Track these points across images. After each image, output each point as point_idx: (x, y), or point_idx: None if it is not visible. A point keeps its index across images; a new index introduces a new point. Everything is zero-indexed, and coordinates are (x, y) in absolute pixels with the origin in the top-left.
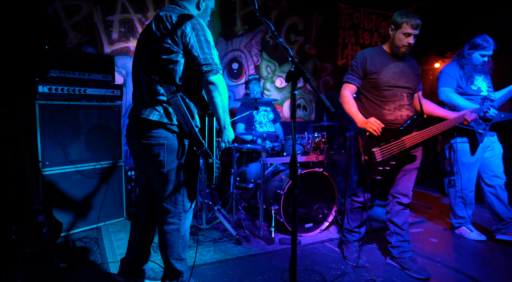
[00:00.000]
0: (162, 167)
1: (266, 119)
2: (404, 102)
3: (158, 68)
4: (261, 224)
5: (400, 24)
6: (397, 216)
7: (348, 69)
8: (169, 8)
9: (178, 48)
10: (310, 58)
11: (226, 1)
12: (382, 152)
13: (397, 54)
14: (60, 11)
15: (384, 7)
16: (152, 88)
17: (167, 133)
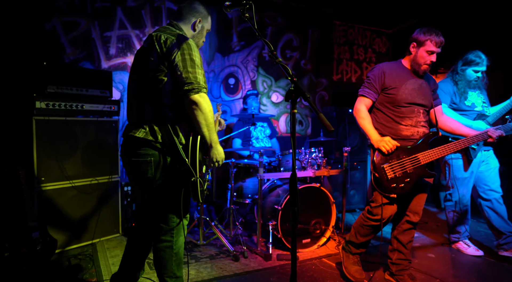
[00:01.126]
0: (151, 183)
1: (263, 135)
2: (421, 119)
3: (146, 87)
4: (258, 239)
5: (424, 41)
6: (403, 234)
7: (364, 82)
8: (162, 28)
9: (164, 67)
10: (306, 73)
11: (223, 17)
12: (393, 168)
13: (417, 71)
14: (58, 27)
15: (377, 24)
16: (140, 107)
17: (153, 151)
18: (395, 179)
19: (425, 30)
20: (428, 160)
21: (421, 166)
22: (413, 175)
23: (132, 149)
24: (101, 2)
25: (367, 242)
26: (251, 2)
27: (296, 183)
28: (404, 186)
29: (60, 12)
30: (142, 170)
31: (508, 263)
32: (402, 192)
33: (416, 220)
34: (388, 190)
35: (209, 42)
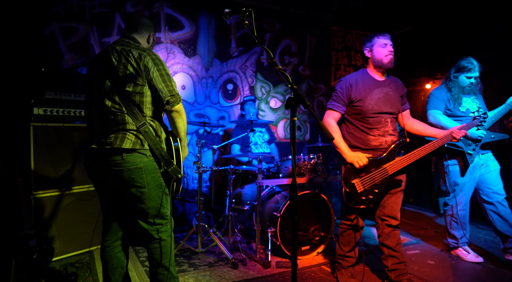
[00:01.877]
0: (143, 188)
1: (261, 141)
2: (389, 128)
3: (124, 99)
4: (257, 247)
5: (373, 42)
6: (388, 238)
7: (332, 95)
8: (124, 43)
9: (142, 82)
10: (304, 79)
11: (221, 23)
12: (363, 182)
13: (383, 67)
14: (57, 33)
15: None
16: (119, 118)
17: (141, 157)
18: (365, 192)
19: (368, 36)
20: (395, 170)
21: (389, 176)
22: (381, 186)
23: (114, 158)
24: (99, 8)
25: (353, 252)
26: (251, 10)
27: (296, 192)
28: (373, 197)
29: (59, 18)
30: (130, 177)
31: (508, 270)
32: (371, 203)
33: (396, 223)
34: (358, 202)
35: (207, 48)
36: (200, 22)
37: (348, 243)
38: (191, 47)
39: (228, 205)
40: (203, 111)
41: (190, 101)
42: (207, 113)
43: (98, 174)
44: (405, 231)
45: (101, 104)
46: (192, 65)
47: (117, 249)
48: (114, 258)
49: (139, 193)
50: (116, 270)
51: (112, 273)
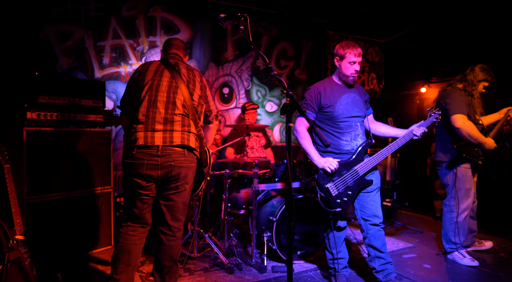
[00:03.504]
0: (188, 184)
1: (257, 145)
2: (358, 131)
3: (191, 107)
4: (253, 251)
5: (344, 54)
6: (374, 239)
7: (302, 102)
8: (181, 59)
9: (203, 97)
10: (300, 83)
11: (217, 27)
12: (337, 186)
13: (347, 82)
14: (51, 36)
15: (370, 34)
16: (185, 122)
17: (195, 157)
18: (339, 195)
19: (343, 44)
20: (365, 170)
21: (360, 177)
22: (354, 187)
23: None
24: (94, 12)
25: (342, 253)
26: (246, 15)
27: (291, 198)
28: (347, 199)
29: (54, 21)
30: (186, 173)
31: (503, 274)
32: (346, 205)
33: (378, 222)
34: (334, 205)
35: (203, 52)
36: (196, 26)
37: (335, 245)
38: (187, 50)
39: (223, 209)
40: None
41: None
42: None
43: (149, 169)
44: (401, 235)
45: (170, 107)
46: None
47: (141, 241)
48: (137, 249)
49: (184, 188)
50: (134, 261)
51: (129, 263)
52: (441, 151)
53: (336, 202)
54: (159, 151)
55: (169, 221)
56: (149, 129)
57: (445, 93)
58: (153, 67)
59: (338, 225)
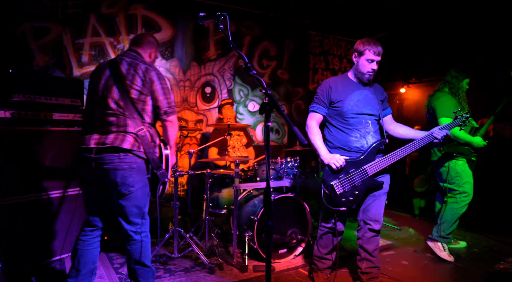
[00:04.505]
0: (132, 187)
1: (239, 144)
2: (370, 129)
3: (127, 105)
4: (234, 251)
5: (363, 51)
6: (368, 242)
7: (314, 97)
8: (131, 56)
9: (147, 93)
10: (282, 83)
11: (199, 26)
12: (343, 184)
13: (362, 80)
14: (28, 33)
15: (352, 35)
16: (121, 121)
17: (136, 158)
18: (344, 194)
19: (364, 41)
20: (375, 170)
21: (369, 177)
22: (361, 187)
23: (111, 157)
24: (73, 9)
25: (330, 253)
26: (225, 14)
27: (270, 198)
28: (353, 199)
29: (30, 18)
30: (122, 176)
31: (475, 268)
32: (352, 205)
33: (378, 228)
34: (338, 204)
35: (185, 51)
36: (178, 24)
37: (326, 246)
38: (169, 49)
39: (205, 209)
40: (180, 114)
41: None
42: (185, 116)
43: (90, 173)
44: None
45: (104, 107)
46: (169, 68)
47: (94, 245)
48: (89, 253)
49: (128, 191)
50: (87, 264)
51: (84, 266)
52: (437, 150)
53: (341, 200)
54: (93, 153)
55: (124, 225)
56: (88, 132)
57: (434, 97)
58: (99, 67)
59: (335, 229)
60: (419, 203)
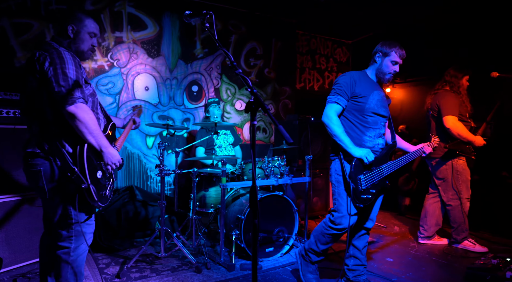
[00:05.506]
0: (44, 192)
1: (226, 143)
2: (382, 131)
3: (31, 102)
4: (221, 250)
5: (389, 52)
6: (358, 239)
7: (334, 88)
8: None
9: (43, 85)
10: (270, 81)
11: (186, 24)
12: (366, 180)
13: (382, 80)
14: (7, 29)
15: (338, 35)
16: (30, 122)
17: (43, 161)
18: (366, 190)
19: (390, 42)
20: (389, 172)
21: (384, 178)
22: (378, 186)
23: (24, 162)
24: (56, 4)
25: (327, 250)
26: (211, 13)
27: (256, 196)
28: (371, 197)
29: (10, 13)
30: (35, 180)
31: (458, 264)
32: (369, 203)
33: (371, 226)
34: (360, 200)
35: (172, 49)
36: (164, 22)
37: (326, 243)
38: (155, 47)
39: (192, 208)
40: (167, 113)
41: (154, 102)
42: (171, 115)
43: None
44: None
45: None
46: (155, 66)
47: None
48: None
49: (40, 196)
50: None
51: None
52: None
53: (362, 197)
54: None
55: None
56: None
57: (439, 96)
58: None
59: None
60: (404, 201)
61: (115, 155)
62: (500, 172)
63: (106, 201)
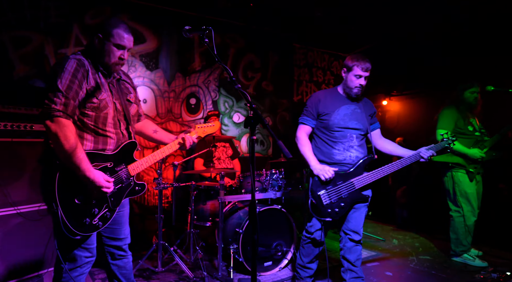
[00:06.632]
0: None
1: (224, 156)
2: (354, 143)
3: None
4: (219, 264)
5: (352, 67)
6: (350, 252)
7: (303, 109)
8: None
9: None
10: (267, 94)
11: (184, 37)
12: (330, 195)
13: (350, 95)
14: (6, 42)
15: (335, 48)
16: None
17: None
18: (331, 205)
19: (353, 57)
20: (362, 184)
21: (356, 191)
22: (347, 200)
23: None
24: (55, 18)
25: (312, 262)
26: (210, 28)
27: (255, 211)
28: (339, 210)
29: (9, 27)
30: None
31: (457, 278)
32: (337, 216)
33: (357, 239)
34: (324, 214)
35: (170, 62)
36: (163, 36)
37: (308, 255)
38: (153, 60)
39: (189, 222)
40: (165, 125)
41: (152, 115)
42: (170, 127)
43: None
44: (365, 244)
45: None
46: (153, 79)
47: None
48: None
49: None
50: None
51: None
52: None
53: (327, 211)
54: None
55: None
56: None
57: (440, 111)
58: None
59: (315, 238)
60: (402, 214)
61: (94, 178)
62: (497, 184)
63: (93, 230)
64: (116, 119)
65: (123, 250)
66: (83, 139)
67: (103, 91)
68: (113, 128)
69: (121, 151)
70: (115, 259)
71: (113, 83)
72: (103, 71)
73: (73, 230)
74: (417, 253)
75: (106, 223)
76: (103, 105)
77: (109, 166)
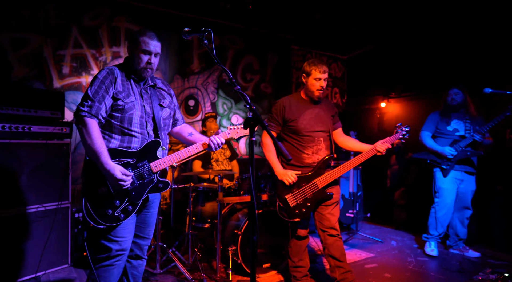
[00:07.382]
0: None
1: (223, 157)
2: (321, 146)
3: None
4: (218, 266)
5: (310, 71)
6: (333, 248)
7: (268, 116)
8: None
9: None
10: (266, 96)
11: (183, 39)
12: (295, 197)
13: (313, 98)
14: (5, 43)
15: (334, 50)
16: None
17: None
18: (297, 206)
19: (310, 62)
20: (325, 183)
21: (320, 190)
22: (313, 199)
23: None
24: (55, 20)
25: (303, 262)
26: (210, 30)
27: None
28: (306, 210)
29: (8, 28)
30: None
31: (456, 280)
32: (305, 216)
33: (336, 233)
34: (292, 215)
35: (169, 64)
36: (162, 37)
37: (297, 253)
38: None
39: (188, 223)
40: None
41: None
42: None
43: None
44: (364, 245)
45: None
46: None
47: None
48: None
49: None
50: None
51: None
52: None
53: (294, 212)
54: None
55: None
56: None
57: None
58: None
59: (298, 234)
60: (401, 216)
61: (112, 173)
62: (495, 185)
63: (115, 221)
64: (144, 121)
65: (142, 249)
66: (112, 138)
67: (131, 96)
68: (139, 129)
69: (144, 149)
70: (131, 257)
71: (146, 89)
72: (134, 78)
73: (97, 218)
74: (416, 255)
75: (128, 216)
76: (128, 107)
77: (131, 162)
